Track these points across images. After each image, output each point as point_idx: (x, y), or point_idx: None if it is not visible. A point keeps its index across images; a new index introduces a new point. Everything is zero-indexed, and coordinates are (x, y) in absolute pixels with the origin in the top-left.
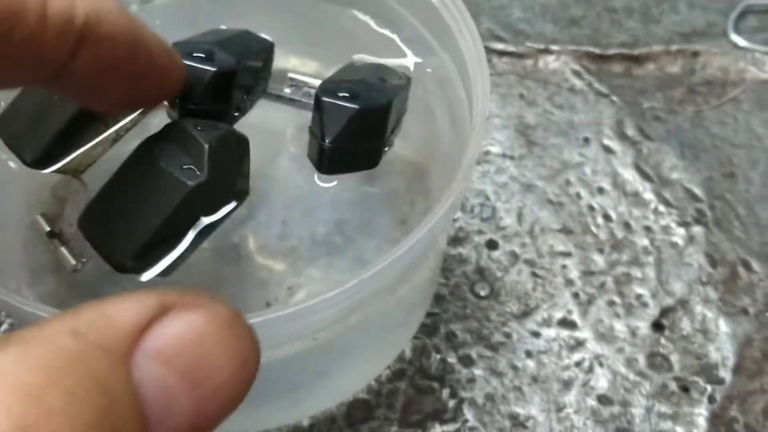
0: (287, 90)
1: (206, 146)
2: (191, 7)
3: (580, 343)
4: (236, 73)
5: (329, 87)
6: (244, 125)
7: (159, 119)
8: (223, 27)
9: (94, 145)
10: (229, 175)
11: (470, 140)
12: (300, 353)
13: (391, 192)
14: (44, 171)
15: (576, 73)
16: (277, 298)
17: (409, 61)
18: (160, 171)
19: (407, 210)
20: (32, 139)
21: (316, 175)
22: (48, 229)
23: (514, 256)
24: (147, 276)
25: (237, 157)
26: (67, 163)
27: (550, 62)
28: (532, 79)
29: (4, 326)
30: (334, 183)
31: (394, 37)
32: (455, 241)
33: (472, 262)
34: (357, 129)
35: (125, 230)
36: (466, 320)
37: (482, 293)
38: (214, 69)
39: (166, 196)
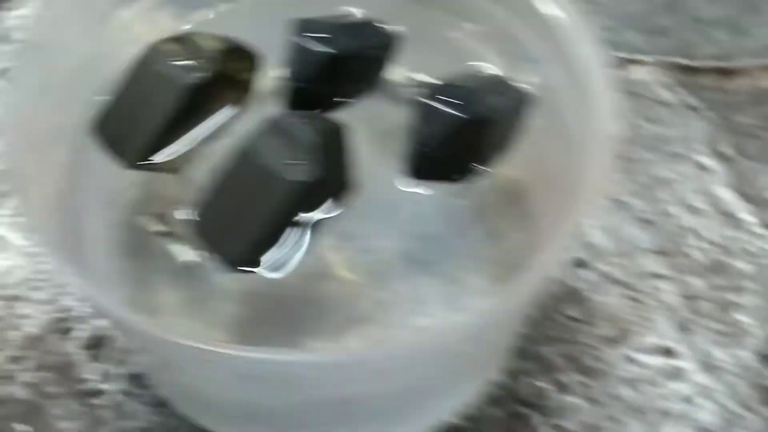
0: (401, 87)
1: (315, 141)
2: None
3: (679, 372)
4: (353, 60)
5: (439, 90)
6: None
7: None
8: (353, 10)
9: (194, 142)
10: (337, 167)
11: (591, 164)
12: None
13: (483, 206)
14: (145, 170)
15: (665, 85)
16: (365, 314)
17: (518, 72)
18: (266, 168)
19: (501, 226)
20: (132, 141)
21: (407, 181)
22: (158, 228)
23: (605, 277)
24: (263, 273)
25: (341, 148)
26: (168, 161)
27: (638, 73)
28: (618, 90)
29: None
30: (419, 190)
31: (502, 47)
32: None
33: (560, 282)
34: (456, 139)
35: (237, 228)
36: (557, 343)
37: (572, 315)
38: (331, 51)
39: (277, 192)
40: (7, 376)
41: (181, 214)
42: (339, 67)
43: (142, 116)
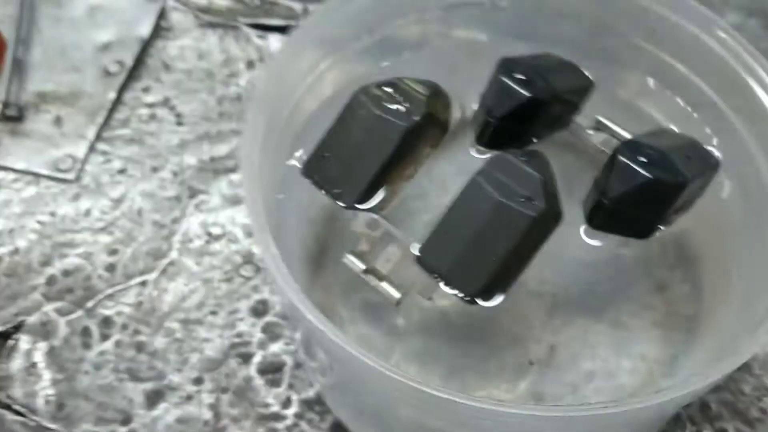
0: (590, 132)
1: (540, 177)
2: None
3: None
4: (547, 104)
5: (631, 146)
6: None
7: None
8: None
9: (399, 183)
10: (555, 200)
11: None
12: None
13: (646, 256)
14: (359, 210)
15: None
16: (539, 357)
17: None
18: (499, 204)
19: (666, 276)
20: (350, 182)
21: (582, 228)
22: (363, 267)
23: None
24: (492, 303)
25: (554, 181)
26: (379, 202)
27: None
28: None
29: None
30: (598, 243)
31: (683, 104)
32: None
33: None
34: (641, 197)
35: (472, 262)
36: (718, 391)
37: None
38: (528, 95)
39: (510, 227)
40: (190, 396)
41: (405, 248)
42: (536, 109)
43: (360, 158)
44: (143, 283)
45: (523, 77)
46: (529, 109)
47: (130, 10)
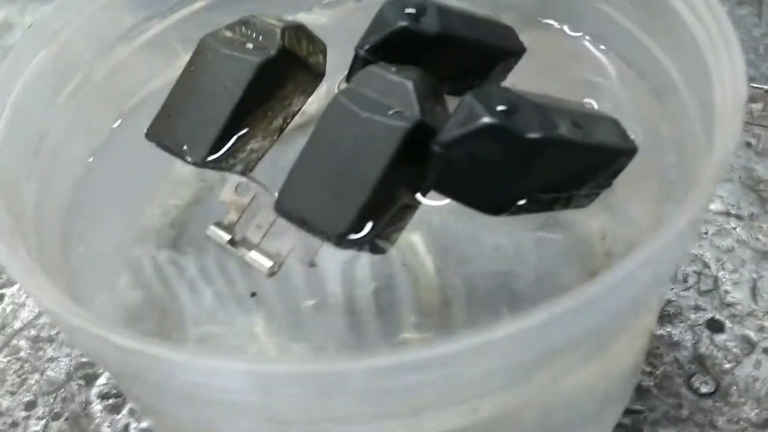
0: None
1: (412, 85)
2: (347, 23)
3: None
4: (436, 47)
5: (494, 91)
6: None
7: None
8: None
9: (262, 135)
10: (435, 117)
11: (714, 135)
12: None
13: (580, 239)
14: (213, 168)
15: None
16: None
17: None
18: (365, 121)
19: (601, 263)
20: (196, 137)
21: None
22: (228, 237)
23: (749, 343)
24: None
25: (437, 98)
26: (237, 158)
27: None
28: (761, 125)
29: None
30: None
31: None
32: (662, 318)
33: (688, 346)
34: (485, 152)
35: (337, 197)
36: (681, 424)
37: (704, 389)
38: (402, 24)
39: (379, 147)
40: (16, 423)
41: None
42: (417, 49)
43: (206, 105)
44: (0, 297)
45: (412, 10)
46: (406, 47)
47: None
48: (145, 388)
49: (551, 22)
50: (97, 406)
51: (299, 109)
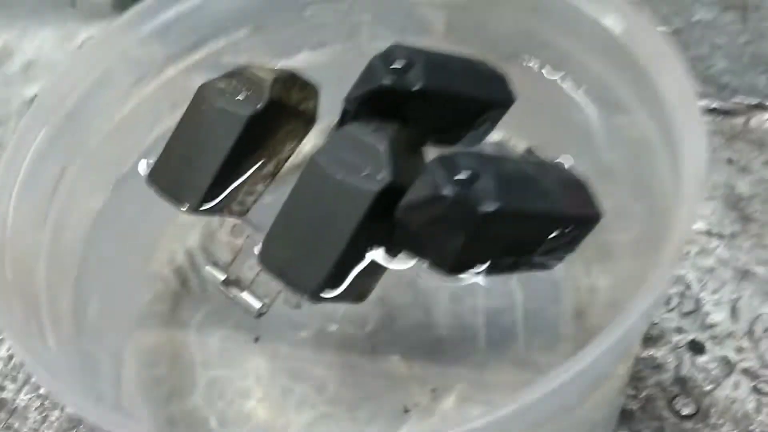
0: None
1: (385, 147)
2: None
3: None
4: (415, 100)
5: (459, 157)
6: None
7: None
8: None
9: (255, 181)
10: (408, 175)
11: (680, 210)
12: None
13: (563, 277)
14: (208, 215)
15: None
16: (418, 402)
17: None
18: (338, 183)
19: (586, 299)
20: (191, 184)
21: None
22: (223, 277)
23: (728, 364)
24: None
25: (413, 154)
26: (231, 204)
27: (767, 120)
28: (743, 140)
29: None
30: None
31: (573, 88)
32: (646, 340)
33: (670, 369)
34: (438, 219)
35: (312, 254)
36: None
37: (685, 411)
38: (384, 83)
39: (351, 208)
40: None
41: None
42: (400, 104)
43: (200, 156)
44: None
45: (398, 66)
46: (391, 101)
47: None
48: None
49: (531, 64)
50: None
51: (291, 154)
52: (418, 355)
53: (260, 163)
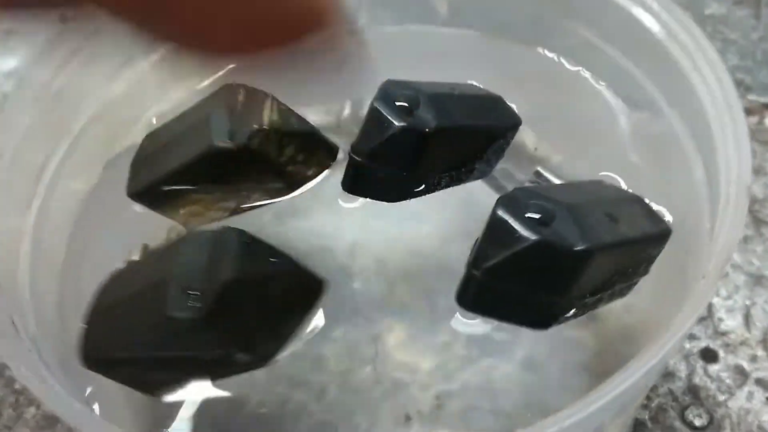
0: (528, 185)
1: (221, 280)
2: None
3: None
4: (431, 139)
5: (520, 197)
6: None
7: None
8: (475, 84)
9: (207, 206)
10: (247, 327)
11: (724, 221)
12: None
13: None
14: (145, 209)
15: None
16: (420, 409)
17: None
18: (164, 282)
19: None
20: (143, 172)
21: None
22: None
23: (742, 374)
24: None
25: (274, 305)
26: (176, 211)
27: None
28: (756, 140)
29: None
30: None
31: (601, 87)
32: None
33: (682, 377)
34: (530, 270)
35: (110, 330)
36: None
37: (697, 423)
38: (400, 125)
39: (153, 316)
40: None
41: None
42: (418, 146)
43: (167, 151)
44: None
45: (404, 104)
46: (405, 146)
47: (43, 35)
48: None
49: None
50: None
51: (259, 205)
52: (422, 361)
53: (218, 194)
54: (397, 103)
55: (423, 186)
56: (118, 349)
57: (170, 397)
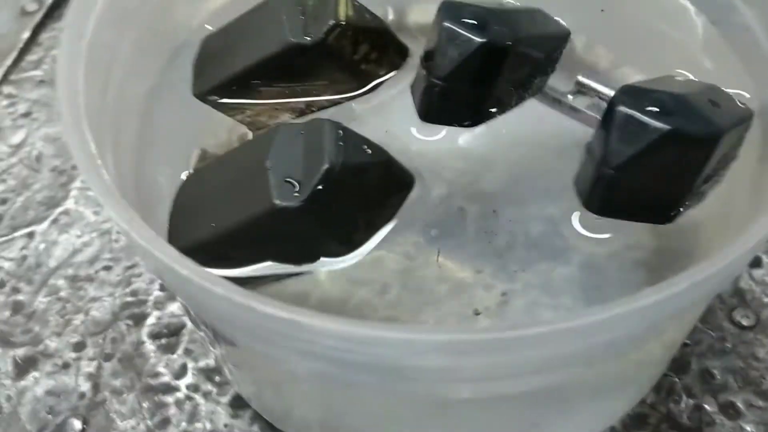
0: (570, 96)
1: (325, 166)
2: None
3: None
4: (508, 54)
5: (632, 92)
6: (494, 127)
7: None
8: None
9: (278, 106)
10: (344, 216)
11: None
12: (544, 388)
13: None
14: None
15: None
16: (488, 306)
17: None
18: (262, 171)
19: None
20: (210, 71)
21: (577, 216)
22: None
23: None
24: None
25: (370, 195)
26: (243, 113)
27: None
28: None
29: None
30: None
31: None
32: None
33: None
34: (660, 162)
35: (204, 220)
36: (725, 357)
37: (745, 323)
38: (481, 40)
39: (254, 203)
40: (67, 365)
41: None
42: (494, 62)
43: (235, 51)
44: (30, 235)
45: (474, 21)
46: (486, 63)
47: None
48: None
49: None
50: (149, 346)
51: (329, 105)
52: (485, 262)
53: (287, 93)
54: (467, 21)
55: (497, 107)
56: (211, 237)
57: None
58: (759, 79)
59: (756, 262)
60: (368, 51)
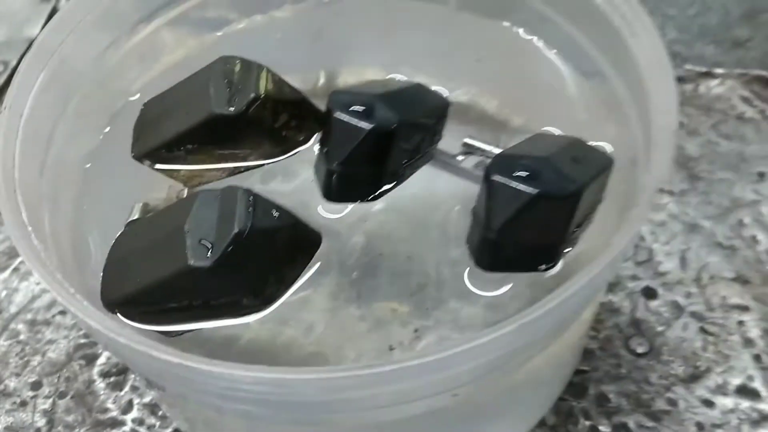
0: (459, 158)
1: (234, 230)
2: (315, 20)
3: (765, 418)
4: (396, 134)
5: (503, 161)
6: (399, 195)
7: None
8: (399, 77)
9: (207, 166)
10: (251, 278)
11: (650, 159)
12: (433, 412)
13: None
14: (152, 167)
15: (745, 100)
16: (402, 341)
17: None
18: (181, 233)
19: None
20: (147, 135)
21: (466, 271)
22: (136, 217)
23: (678, 308)
24: None
25: (279, 255)
26: (178, 170)
27: (714, 87)
28: (692, 105)
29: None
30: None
31: (548, 50)
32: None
33: (626, 312)
34: (534, 220)
35: (132, 275)
36: (620, 381)
37: (639, 350)
38: (369, 126)
39: (172, 262)
40: (25, 403)
41: None
42: (384, 142)
43: (168, 117)
44: None
45: (361, 108)
46: (376, 145)
47: (23, 11)
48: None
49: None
50: (100, 384)
51: (257, 166)
52: (401, 300)
53: (217, 155)
54: (355, 109)
55: (394, 180)
56: (136, 291)
57: (170, 332)
58: (619, 127)
59: (652, 294)
60: (288, 120)
